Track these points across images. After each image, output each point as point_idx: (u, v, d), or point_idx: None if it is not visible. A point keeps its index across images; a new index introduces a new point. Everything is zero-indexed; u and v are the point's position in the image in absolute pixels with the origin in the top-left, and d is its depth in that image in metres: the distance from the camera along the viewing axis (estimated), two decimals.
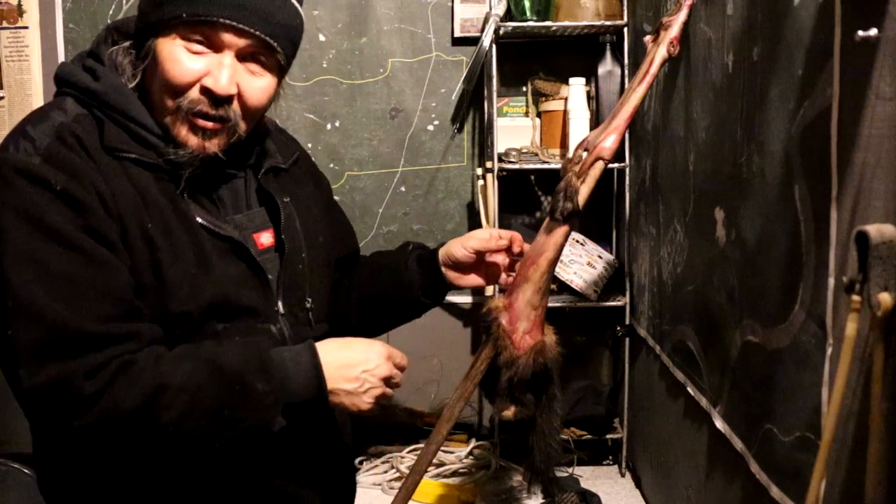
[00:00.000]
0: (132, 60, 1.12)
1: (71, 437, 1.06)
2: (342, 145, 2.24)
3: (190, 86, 1.08)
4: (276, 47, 1.11)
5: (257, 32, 1.08)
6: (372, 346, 1.18)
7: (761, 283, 1.14)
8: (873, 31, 0.81)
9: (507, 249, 1.37)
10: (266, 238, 1.21)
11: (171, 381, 1.04)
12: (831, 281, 0.92)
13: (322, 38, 2.21)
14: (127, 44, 1.13)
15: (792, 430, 1.04)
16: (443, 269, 1.38)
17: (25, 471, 2.14)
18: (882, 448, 0.79)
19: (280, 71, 1.15)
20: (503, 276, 1.39)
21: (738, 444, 1.23)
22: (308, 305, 1.23)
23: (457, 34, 2.20)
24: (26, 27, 2.19)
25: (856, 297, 0.78)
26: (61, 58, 2.19)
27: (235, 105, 1.11)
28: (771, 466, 1.11)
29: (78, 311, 1.01)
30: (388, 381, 1.18)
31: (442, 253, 1.38)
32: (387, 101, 2.24)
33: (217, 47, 1.08)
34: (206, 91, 1.08)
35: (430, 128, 2.24)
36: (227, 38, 1.08)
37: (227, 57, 1.08)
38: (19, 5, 2.18)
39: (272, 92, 1.15)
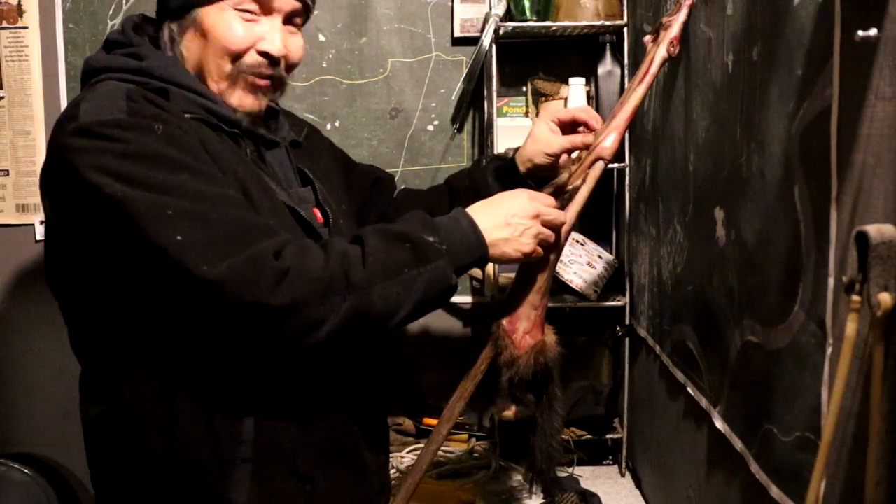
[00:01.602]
0: (171, 36, 1.17)
1: (261, 320, 1.03)
2: (342, 145, 2.21)
3: (247, 50, 1.17)
4: (312, 8, 1.24)
5: None
6: (512, 193, 1.23)
7: (761, 283, 1.14)
8: (873, 31, 0.81)
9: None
10: (318, 214, 1.27)
11: (350, 250, 1.08)
12: (831, 281, 0.92)
13: (322, 38, 2.21)
14: (163, 25, 1.18)
15: (792, 430, 1.04)
16: (524, 177, 1.42)
17: (25, 471, 2.15)
18: (882, 448, 0.79)
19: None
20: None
21: (738, 444, 1.24)
22: None
23: (457, 34, 2.20)
24: (26, 27, 2.18)
25: (856, 297, 0.78)
26: (61, 58, 2.19)
27: (282, 63, 1.21)
28: (771, 466, 1.11)
29: (236, 212, 1.04)
30: (541, 221, 1.22)
31: (521, 158, 1.42)
32: (387, 101, 2.24)
33: (267, 11, 1.17)
34: (262, 54, 1.18)
35: (430, 128, 2.24)
36: (280, 3, 1.17)
37: (277, 20, 1.19)
38: (19, 5, 2.18)
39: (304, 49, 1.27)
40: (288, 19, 1.21)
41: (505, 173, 1.42)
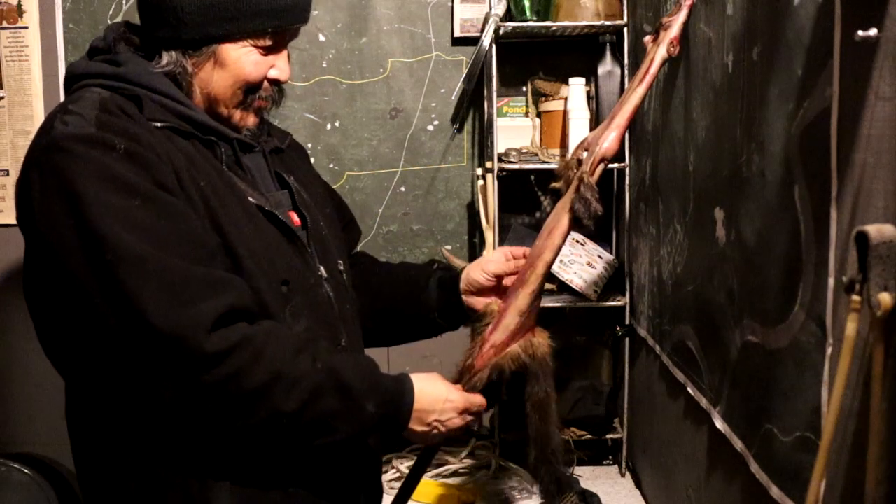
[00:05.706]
0: (181, 64, 1.18)
1: (190, 391, 1.05)
2: (342, 145, 2.24)
3: (262, 81, 1.22)
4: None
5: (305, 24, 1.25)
6: (450, 398, 1.26)
7: (761, 282, 1.14)
8: (873, 31, 0.81)
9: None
10: (295, 217, 1.28)
11: (291, 372, 1.08)
12: (831, 281, 0.92)
13: (322, 38, 2.21)
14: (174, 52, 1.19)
15: (792, 430, 1.04)
16: (463, 296, 1.42)
17: (25, 471, 2.15)
18: (882, 448, 0.79)
19: None
20: None
21: (738, 444, 1.24)
22: (341, 268, 1.31)
23: (457, 34, 2.20)
24: (26, 27, 2.19)
25: (856, 297, 0.78)
26: (61, 58, 2.19)
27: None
28: (771, 466, 1.11)
29: (178, 256, 1.04)
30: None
31: (464, 278, 1.43)
32: (387, 101, 2.24)
33: (281, 47, 1.23)
34: (272, 81, 1.23)
35: (430, 128, 2.24)
36: (291, 35, 1.23)
37: (284, 50, 1.24)
38: (19, 5, 2.18)
39: None
40: None
41: (447, 284, 1.45)
